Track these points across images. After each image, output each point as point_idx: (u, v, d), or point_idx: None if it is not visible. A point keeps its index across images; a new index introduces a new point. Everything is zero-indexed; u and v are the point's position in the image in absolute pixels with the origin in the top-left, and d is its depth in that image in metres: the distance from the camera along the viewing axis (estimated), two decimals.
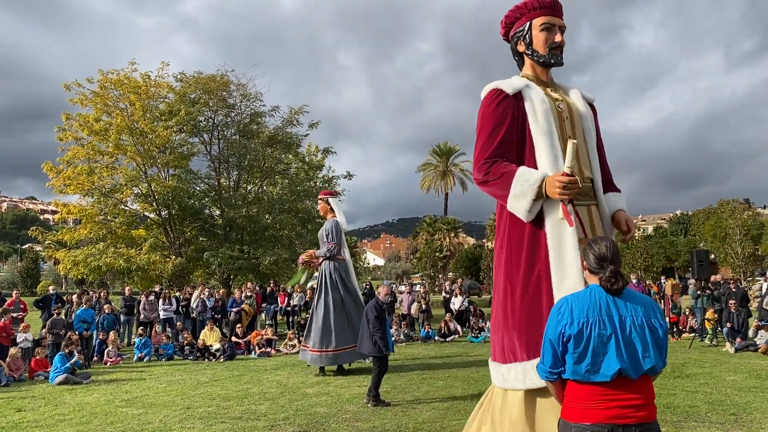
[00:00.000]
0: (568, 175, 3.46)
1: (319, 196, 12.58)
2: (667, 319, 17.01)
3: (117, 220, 22.29)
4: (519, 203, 3.64)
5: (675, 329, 17.10)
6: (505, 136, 3.82)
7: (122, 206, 22.52)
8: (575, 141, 3.55)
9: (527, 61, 4.16)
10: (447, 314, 18.95)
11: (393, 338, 16.29)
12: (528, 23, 4.06)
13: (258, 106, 24.37)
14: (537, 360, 3.05)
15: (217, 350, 14.14)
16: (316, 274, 11.89)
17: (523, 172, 3.67)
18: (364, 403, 8.03)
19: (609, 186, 4.19)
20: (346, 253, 11.96)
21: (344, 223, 11.76)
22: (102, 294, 17.38)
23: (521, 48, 4.15)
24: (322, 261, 11.57)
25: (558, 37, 4.00)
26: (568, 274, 3.54)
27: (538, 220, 3.70)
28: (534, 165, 3.77)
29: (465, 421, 6.95)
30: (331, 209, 11.85)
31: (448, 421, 6.94)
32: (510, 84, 3.95)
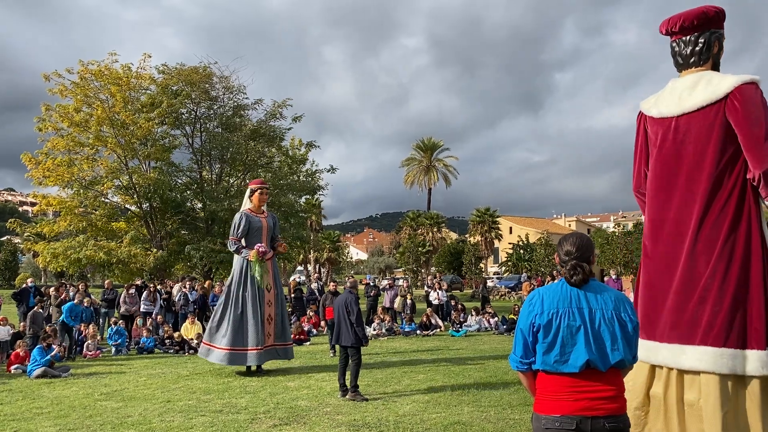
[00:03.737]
0: None
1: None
2: None
3: (97, 212, 22.10)
4: None
5: None
6: None
7: (103, 198, 22.33)
8: None
9: (710, 61, 4.32)
10: (428, 308, 19.04)
11: (375, 332, 16.43)
12: (723, 31, 4.36)
13: (241, 99, 24.29)
14: None
15: (198, 344, 14.07)
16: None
17: None
18: (342, 399, 8.06)
19: None
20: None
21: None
22: (80, 287, 17.18)
23: (716, 48, 4.33)
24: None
25: None
26: None
27: None
28: None
29: (446, 414, 7.05)
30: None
31: (428, 414, 6.99)
32: None
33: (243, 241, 10.77)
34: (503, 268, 56.75)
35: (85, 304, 15.76)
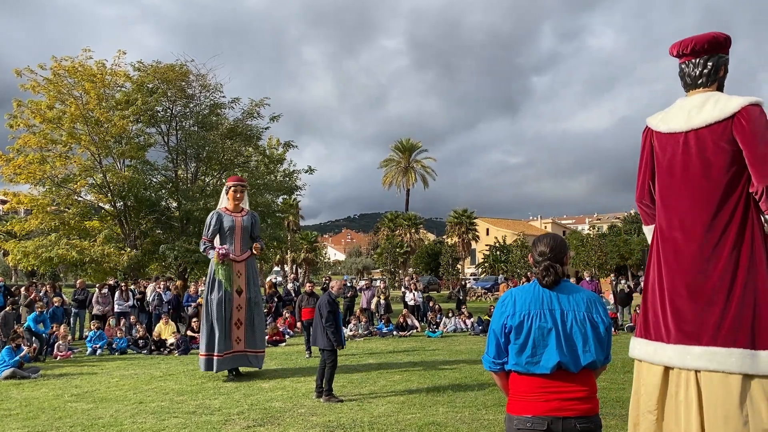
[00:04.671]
0: None
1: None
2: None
3: (70, 210, 21.74)
4: None
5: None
6: None
7: (76, 197, 21.96)
8: None
9: (716, 84, 4.61)
10: (404, 309, 19.08)
11: (352, 332, 16.41)
12: (728, 56, 4.68)
13: (218, 98, 24.06)
14: None
15: (171, 344, 13.93)
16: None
17: None
18: (316, 400, 8.02)
19: None
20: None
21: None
22: (48, 288, 16.87)
23: (722, 72, 4.63)
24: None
25: None
26: None
27: None
28: None
29: (420, 414, 7.06)
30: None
31: (403, 415, 7.00)
32: None
33: (217, 241, 10.30)
34: (480, 270, 57.12)
35: (56, 304, 15.55)
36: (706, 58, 4.63)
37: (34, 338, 13.01)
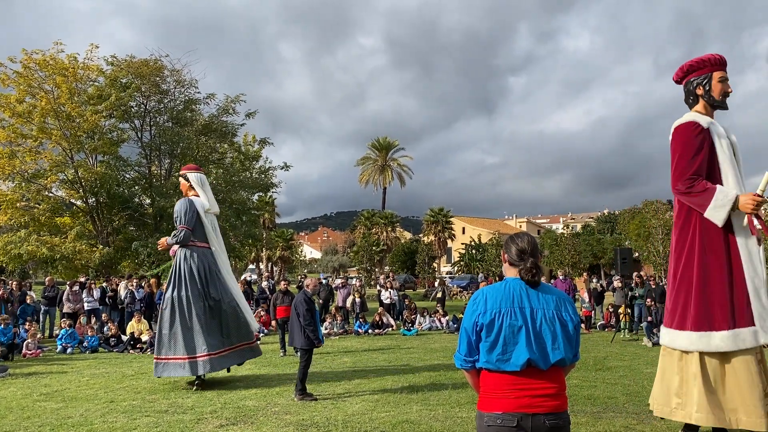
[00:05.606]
0: (759, 197, 4.90)
1: (180, 172, 10.30)
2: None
3: (40, 206, 21.33)
4: (718, 213, 5.02)
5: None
6: (702, 160, 5.18)
7: (46, 192, 21.55)
8: None
9: (701, 101, 5.48)
10: (380, 307, 19.10)
11: (327, 330, 16.38)
12: (709, 74, 5.42)
13: (193, 93, 23.84)
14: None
15: (144, 342, 13.77)
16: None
17: (721, 190, 5.05)
18: (291, 398, 8.00)
19: None
20: (214, 241, 9.68)
21: (207, 204, 9.62)
22: (13, 285, 16.51)
23: (700, 91, 5.46)
24: (178, 249, 9.35)
25: (730, 89, 5.44)
26: (755, 264, 5.05)
27: (728, 226, 5.10)
28: (721, 184, 5.15)
29: (395, 412, 7.07)
30: (191, 187, 9.71)
31: (377, 413, 7.00)
32: (702, 119, 5.29)
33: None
34: (456, 268, 57.35)
35: (27, 302, 15.28)
36: (683, 87, 5.62)
37: None
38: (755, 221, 5.03)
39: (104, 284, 17.94)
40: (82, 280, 17.44)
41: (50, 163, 20.46)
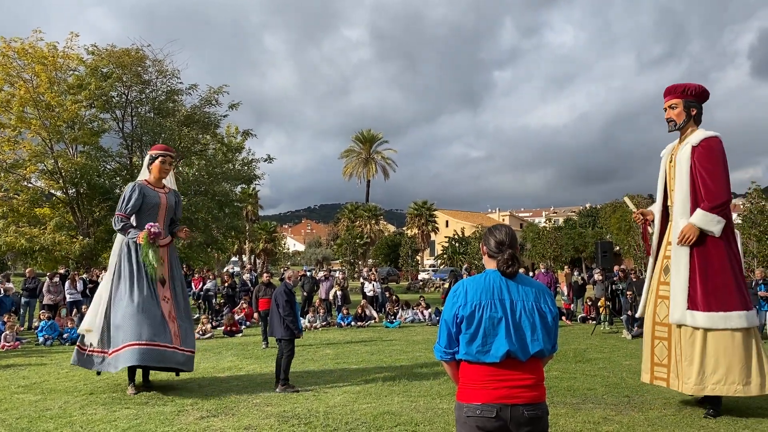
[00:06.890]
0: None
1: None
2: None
3: (19, 197, 21.07)
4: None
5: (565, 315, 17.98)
6: None
7: (25, 182, 21.29)
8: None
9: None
10: (363, 300, 19.12)
11: (309, 323, 16.37)
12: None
13: (175, 84, 23.61)
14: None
15: None
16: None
17: None
18: (273, 390, 7.99)
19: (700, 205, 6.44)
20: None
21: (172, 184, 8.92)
22: None
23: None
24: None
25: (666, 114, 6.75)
26: None
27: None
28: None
29: (376, 404, 7.09)
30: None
31: (359, 405, 7.02)
32: None
33: (133, 219, 8.41)
34: (439, 261, 57.56)
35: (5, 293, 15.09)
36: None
37: None
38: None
39: (84, 276, 17.76)
40: (62, 271, 17.25)
41: (29, 153, 20.21)
